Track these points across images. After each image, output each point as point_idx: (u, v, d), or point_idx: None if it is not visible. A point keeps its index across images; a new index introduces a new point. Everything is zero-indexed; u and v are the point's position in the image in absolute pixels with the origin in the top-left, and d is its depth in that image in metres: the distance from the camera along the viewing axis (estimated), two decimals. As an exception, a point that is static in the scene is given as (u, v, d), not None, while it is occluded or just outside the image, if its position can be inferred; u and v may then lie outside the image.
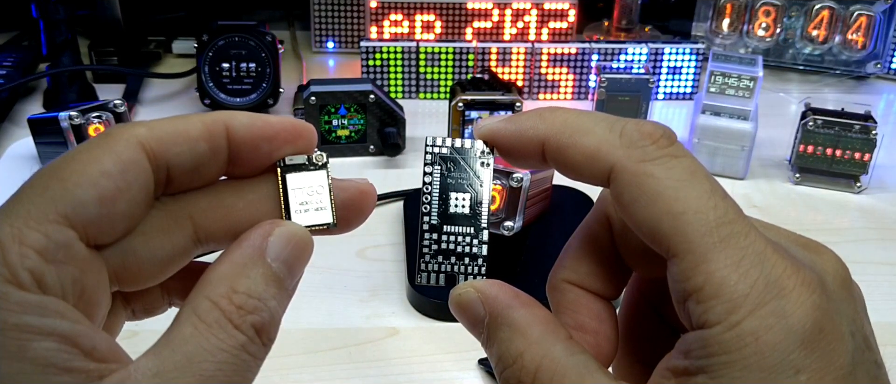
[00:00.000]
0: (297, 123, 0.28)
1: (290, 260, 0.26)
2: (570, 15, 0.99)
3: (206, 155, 0.26)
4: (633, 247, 0.28)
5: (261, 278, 0.25)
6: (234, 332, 0.24)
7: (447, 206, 0.29)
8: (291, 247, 0.26)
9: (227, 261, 0.26)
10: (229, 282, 0.25)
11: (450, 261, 0.29)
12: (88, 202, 0.23)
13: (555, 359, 0.26)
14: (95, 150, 0.24)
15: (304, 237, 0.27)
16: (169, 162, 0.25)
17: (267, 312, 0.25)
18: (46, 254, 0.23)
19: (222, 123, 0.26)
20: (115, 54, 0.96)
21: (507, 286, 0.28)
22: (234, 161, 0.27)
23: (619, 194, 0.25)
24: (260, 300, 0.25)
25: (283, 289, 0.26)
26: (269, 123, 0.27)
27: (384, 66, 0.92)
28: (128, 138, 0.25)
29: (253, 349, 0.25)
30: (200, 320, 0.24)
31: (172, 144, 0.25)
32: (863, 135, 0.76)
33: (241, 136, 0.27)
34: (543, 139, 0.27)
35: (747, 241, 0.24)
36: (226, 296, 0.25)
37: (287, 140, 0.28)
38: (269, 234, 0.26)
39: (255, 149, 0.27)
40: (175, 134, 0.26)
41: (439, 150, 0.29)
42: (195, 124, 0.26)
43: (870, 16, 0.95)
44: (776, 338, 0.23)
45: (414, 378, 0.54)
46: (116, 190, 0.24)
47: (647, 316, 0.31)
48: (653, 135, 0.26)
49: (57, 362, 0.22)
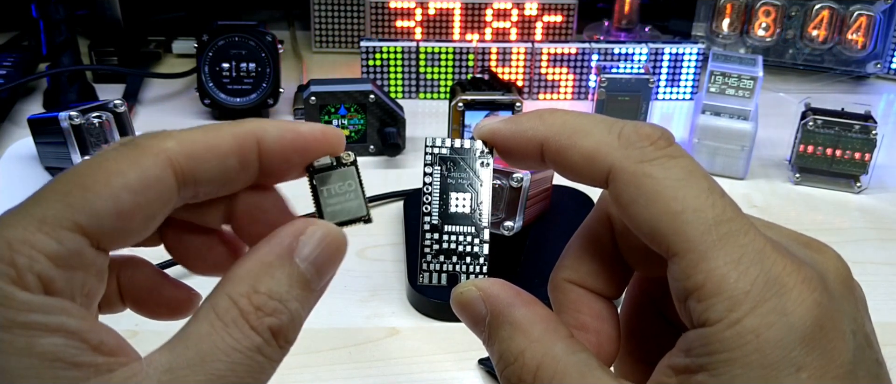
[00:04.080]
0: (327, 131, 0.28)
1: (320, 261, 0.26)
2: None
3: (236, 170, 0.26)
4: (633, 247, 0.28)
5: (285, 279, 0.25)
6: (250, 333, 0.24)
7: (448, 206, 0.29)
8: (323, 248, 0.26)
9: (254, 259, 0.25)
10: (252, 280, 0.25)
11: (451, 261, 0.29)
12: (106, 215, 0.23)
13: (555, 358, 0.26)
14: (122, 162, 0.24)
15: (338, 237, 0.27)
16: (197, 178, 0.25)
17: (287, 315, 0.25)
18: (58, 260, 0.23)
19: (254, 137, 0.26)
20: (115, 54, 0.96)
21: (508, 285, 0.28)
22: (264, 172, 0.27)
23: (618, 195, 0.26)
24: (281, 302, 0.25)
25: (309, 291, 0.26)
26: (300, 135, 0.27)
27: (384, 66, 0.92)
28: (157, 153, 0.24)
29: (268, 351, 0.24)
30: (218, 318, 0.24)
31: (202, 161, 0.25)
32: (863, 135, 0.76)
33: (273, 149, 0.26)
34: (542, 140, 0.27)
35: (747, 239, 0.24)
36: (246, 296, 0.24)
37: (318, 150, 0.27)
38: (301, 233, 0.26)
39: (286, 161, 0.27)
40: (205, 150, 0.25)
41: (439, 150, 0.29)
42: (226, 138, 0.26)
43: (870, 16, 0.95)
44: (777, 336, 0.23)
45: (414, 378, 0.54)
46: (136, 206, 0.24)
47: (649, 315, 0.31)
48: (651, 136, 0.26)
49: (65, 357, 0.22)
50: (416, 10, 0.98)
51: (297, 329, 0.26)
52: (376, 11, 0.98)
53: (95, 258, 0.24)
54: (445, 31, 0.99)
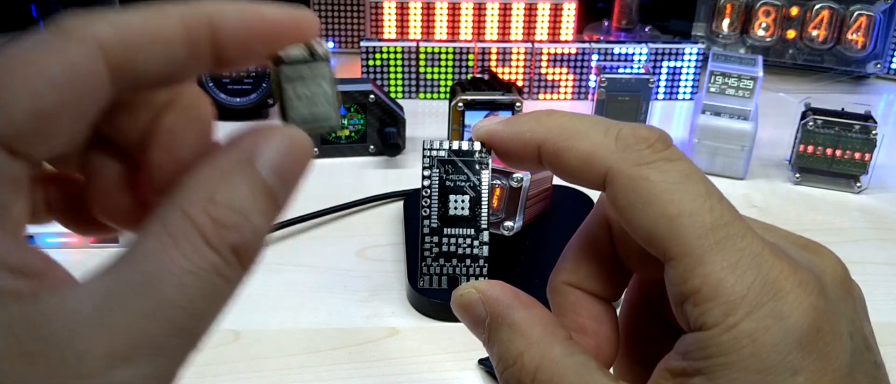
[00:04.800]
0: (296, 14, 0.24)
1: (283, 168, 0.22)
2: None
3: (184, 61, 0.22)
4: (632, 250, 0.28)
5: (247, 189, 0.21)
6: (207, 251, 0.20)
7: (447, 209, 0.29)
8: (287, 154, 0.22)
9: (209, 166, 0.22)
10: (209, 190, 0.21)
11: (451, 264, 0.30)
12: (22, 116, 0.19)
13: (554, 360, 0.26)
14: (43, 52, 0.20)
15: (303, 143, 0.23)
16: (135, 71, 0.21)
17: (249, 229, 0.21)
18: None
19: (207, 22, 0.22)
20: (116, 54, 0.96)
21: (508, 287, 0.28)
22: (219, 62, 0.23)
23: (615, 198, 0.26)
24: (242, 215, 0.21)
25: (272, 203, 0.22)
26: (263, 19, 0.23)
27: (384, 66, 0.92)
28: (86, 40, 0.20)
29: (228, 272, 0.21)
30: (167, 233, 0.20)
31: (142, 50, 0.21)
32: (863, 135, 0.76)
33: (230, 37, 0.22)
34: (540, 142, 0.27)
35: (744, 243, 0.24)
36: (201, 208, 0.21)
37: (287, 38, 0.24)
38: (262, 137, 0.22)
39: (245, 49, 0.23)
40: (146, 37, 0.21)
41: (437, 153, 0.29)
42: (173, 23, 0.21)
43: (870, 16, 0.95)
44: (773, 340, 0.23)
45: (414, 378, 0.55)
46: (60, 104, 0.20)
47: (648, 317, 0.31)
48: (648, 139, 0.26)
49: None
50: (416, 10, 0.98)
51: (260, 247, 0.22)
52: (376, 11, 0.98)
53: (9, 166, 0.20)
54: (445, 31, 0.99)
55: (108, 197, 0.24)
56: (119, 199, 0.24)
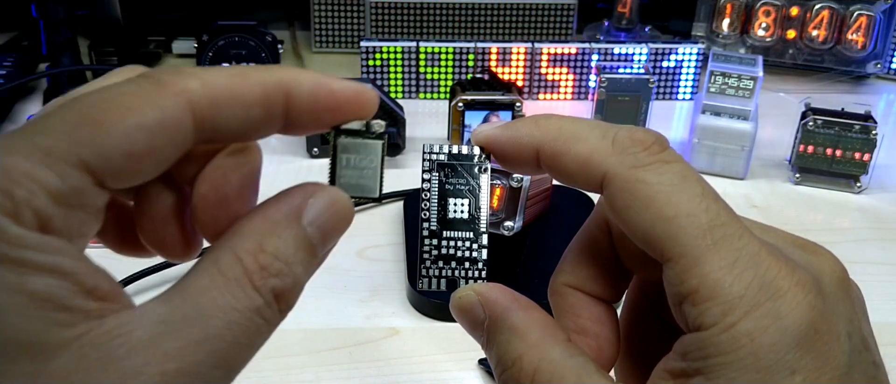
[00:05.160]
0: (361, 91, 0.26)
1: (326, 227, 0.25)
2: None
3: (259, 121, 0.24)
4: (632, 251, 0.28)
5: (292, 240, 0.24)
6: (252, 293, 0.23)
7: (446, 212, 0.30)
8: (330, 214, 0.25)
9: (261, 216, 0.24)
10: (258, 238, 0.23)
11: (450, 266, 0.30)
12: (116, 155, 0.22)
13: (553, 362, 0.26)
14: (140, 98, 0.22)
15: (346, 206, 0.25)
16: (216, 126, 0.23)
17: (290, 278, 0.24)
18: (58, 198, 0.21)
19: (284, 89, 0.24)
20: (115, 54, 0.96)
21: (507, 289, 0.28)
22: (289, 125, 0.25)
23: (613, 200, 0.26)
24: (286, 264, 0.24)
25: (312, 257, 0.25)
26: (333, 94, 0.25)
27: (384, 66, 0.92)
28: (179, 93, 0.22)
29: (268, 314, 0.23)
30: (220, 273, 0.23)
31: (225, 108, 0.23)
32: (863, 135, 0.76)
33: (302, 105, 0.25)
34: (538, 146, 0.27)
35: (741, 243, 0.24)
36: (251, 254, 0.23)
37: (350, 113, 0.26)
38: (310, 196, 0.25)
39: (314, 117, 0.25)
40: (230, 97, 0.23)
41: (437, 157, 0.30)
42: (254, 88, 0.24)
43: (870, 16, 0.95)
44: (771, 339, 0.23)
45: (414, 378, 0.55)
46: (149, 148, 0.22)
47: (649, 318, 0.31)
48: (644, 141, 0.26)
49: (56, 298, 0.20)
50: (416, 9, 0.98)
51: (298, 294, 0.24)
52: (376, 11, 0.98)
53: (97, 197, 0.22)
54: (445, 31, 1.00)
55: (158, 226, 0.26)
56: (168, 230, 0.26)
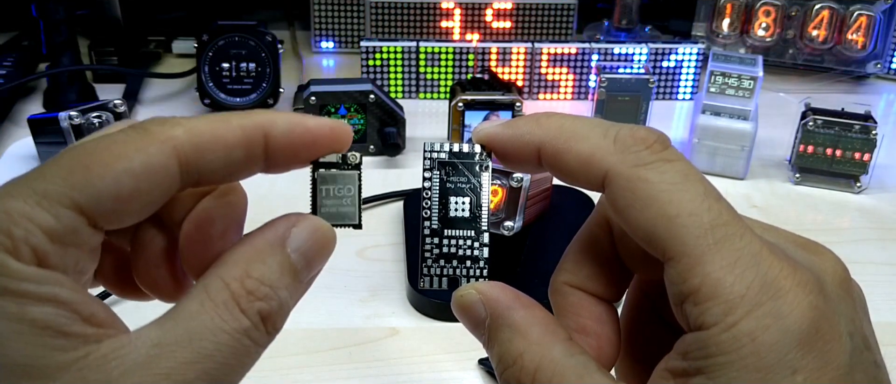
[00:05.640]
0: (335, 127, 0.28)
1: (309, 253, 0.26)
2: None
3: (241, 162, 0.26)
4: (633, 250, 0.28)
5: (277, 266, 0.26)
6: (239, 316, 0.24)
7: (447, 211, 0.30)
8: (313, 241, 0.27)
9: (247, 245, 0.26)
10: (244, 265, 0.25)
11: (451, 265, 0.30)
12: (106, 197, 0.23)
13: (554, 360, 0.26)
14: (128, 145, 0.24)
15: (328, 233, 0.27)
16: (200, 169, 0.25)
17: (276, 301, 0.25)
18: (54, 236, 0.23)
19: (262, 130, 0.26)
20: (115, 54, 0.96)
21: (508, 288, 0.28)
22: (269, 164, 0.27)
23: (614, 199, 0.26)
24: (271, 288, 0.25)
25: (297, 281, 0.26)
26: (309, 131, 0.27)
27: (384, 66, 0.92)
28: (164, 140, 0.24)
29: (255, 335, 0.25)
30: (209, 298, 0.24)
31: (208, 152, 0.25)
32: (863, 135, 0.76)
33: (280, 143, 0.26)
34: (539, 144, 0.27)
35: (742, 243, 0.24)
36: (238, 279, 0.25)
37: (326, 147, 0.28)
38: (294, 225, 0.26)
39: (293, 155, 0.27)
40: (212, 141, 0.25)
41: (438, 155, 0.29)
42: (234, 130, 0.26)
43: (870, 16, 0.95)
44: (772, 339, 0.23)
45: (414, 378, 0.55)
46: (137, 191, 0.24)
47: (649, 318, 0.31)
48: (646, 140, 0.26)
49: (55, 325, 0.22)
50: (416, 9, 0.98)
51: (285, 317, 0.26)
52: (376, 11, 0.98)
53: (90, 236, 0.24)
54: (445, 31, 1.00)
55: (150, 268, 0.28)
56: (159, 271, 0.28)
